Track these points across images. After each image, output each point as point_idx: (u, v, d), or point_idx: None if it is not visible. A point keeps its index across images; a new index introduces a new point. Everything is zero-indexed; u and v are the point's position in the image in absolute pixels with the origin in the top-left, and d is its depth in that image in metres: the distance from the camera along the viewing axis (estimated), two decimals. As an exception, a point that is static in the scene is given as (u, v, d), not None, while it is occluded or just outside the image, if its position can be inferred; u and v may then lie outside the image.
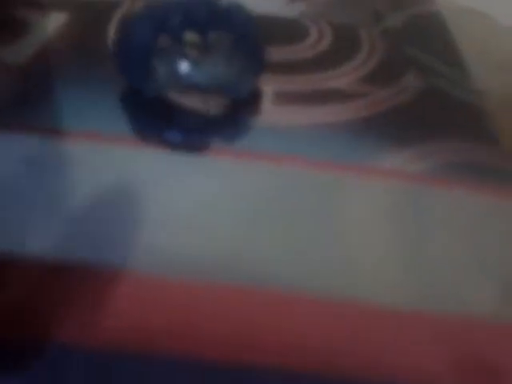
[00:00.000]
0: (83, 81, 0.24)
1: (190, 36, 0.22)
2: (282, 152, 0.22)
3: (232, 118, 0.23)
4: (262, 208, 0.20)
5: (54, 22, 0.27)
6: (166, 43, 0.22)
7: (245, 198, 0.20)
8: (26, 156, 0.21)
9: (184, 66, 0.22)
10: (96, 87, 0.24)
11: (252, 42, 0.23)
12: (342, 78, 0.26)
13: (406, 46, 0.28)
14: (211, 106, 0.23)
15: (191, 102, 0.23)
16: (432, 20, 0.31)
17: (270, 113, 0.24)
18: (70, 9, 0.28)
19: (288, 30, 0.29)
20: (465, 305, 0.18)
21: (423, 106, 0.25)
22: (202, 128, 0.23)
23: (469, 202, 0.21)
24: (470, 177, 0.22)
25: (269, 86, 0.25)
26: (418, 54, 0.28)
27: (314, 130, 0.23)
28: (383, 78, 0.26)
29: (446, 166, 0.22)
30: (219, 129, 0.23)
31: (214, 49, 0.22)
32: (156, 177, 0.21)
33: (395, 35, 0.29)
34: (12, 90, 0.24)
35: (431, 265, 0.19)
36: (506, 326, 0.17)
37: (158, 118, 0.23)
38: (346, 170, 0.22)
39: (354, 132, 0.23)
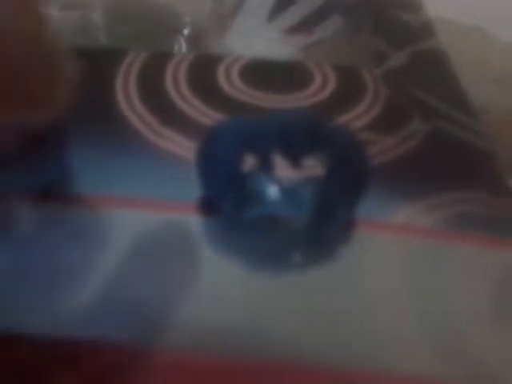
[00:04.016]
0: (92, 140, 0.24)
1: (281, 158, 0.19)
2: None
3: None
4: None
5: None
6: (252, 163, 0.19)
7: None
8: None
9: (271, 192, 0.19)
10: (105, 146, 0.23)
11: (353, 170, 0.20)
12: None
13: (410, 87, 0.28)
14: (297, 236, 0.20)
15: (274, 228, 0.20)
16: (434, 58, 0.31)
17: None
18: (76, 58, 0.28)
19: (292, 76, 0.28)
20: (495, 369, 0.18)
21: (431, 152, 0.25)
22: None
23: (483, 257, 0.21)
24: (481, 230, 0.21)
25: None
26: (423, 95, 0.28)
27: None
28: (389, 124, 0.26)
29: (457, 217, 0.22)
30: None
31: (308, 175, 0.19)
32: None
33: (399, 76, 0.29)
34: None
35: (450, 326, 0.19)
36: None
37: (237, 238, 0.21)
38: (356, 227, 0.21)
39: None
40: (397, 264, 0.20)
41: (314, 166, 0.20)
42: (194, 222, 0.21)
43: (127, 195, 0.22)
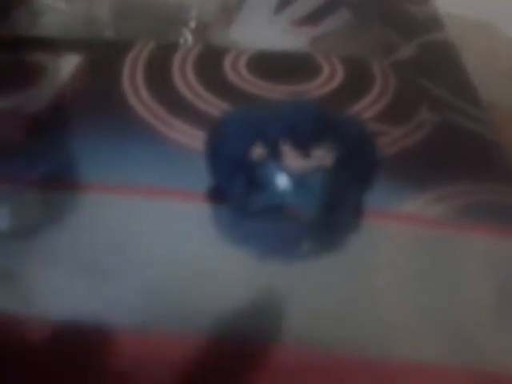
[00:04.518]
0: (100, 129, 0.24)
1: (290, 148, 0.19)
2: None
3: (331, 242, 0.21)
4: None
5: (67, 65, 0.27)
6: (261, 153, 0.19)
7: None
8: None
9: (280, 181, 0.19)
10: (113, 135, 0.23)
11: (362, 160, 0.20)
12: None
13: (419, 78, 0.28)
14: (306, 224, 0.20)
15: (283, 217, 0.20)
16: (443, 50, 0.31)
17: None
18: (83, 50, 0.28)
19: (300, 67, 0.28)
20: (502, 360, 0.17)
21: (440, 143, 0.24)
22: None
23: (491, 247, 0.21)
24: (490, 220, 0.21)
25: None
26: (431, 86, 0.28)
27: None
28: (398, 114, 0.26)
29: (466, 208, 0.22)
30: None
31: (317, 165, 0.19)
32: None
33: (407, 67, 0.29)
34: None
35: (459, 317, 0.19)
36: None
37: (246, 229, 0.21)
38: (364, 217, 0.21)
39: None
40: (404, 253, 0.20)
41: (323, 156, 0.20)
42: (204, 210, 0.21)
43: (134, 184, 0.22)
